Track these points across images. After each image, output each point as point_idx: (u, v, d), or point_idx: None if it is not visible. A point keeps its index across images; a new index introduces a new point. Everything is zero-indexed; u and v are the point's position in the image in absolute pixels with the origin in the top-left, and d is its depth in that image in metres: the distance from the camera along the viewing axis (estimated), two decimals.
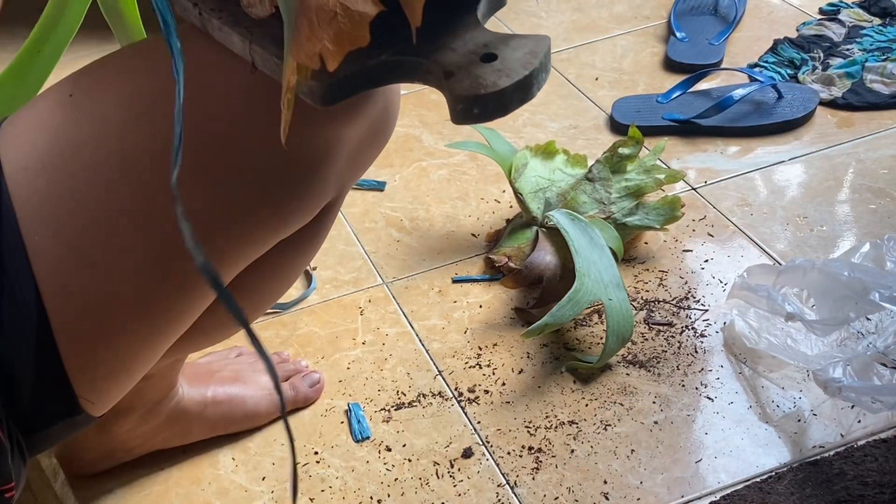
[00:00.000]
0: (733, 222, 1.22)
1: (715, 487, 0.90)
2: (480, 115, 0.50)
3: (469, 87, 0.50)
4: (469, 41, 0.53)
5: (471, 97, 0.49)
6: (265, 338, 1.11)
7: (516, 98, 0.50)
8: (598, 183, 1.18)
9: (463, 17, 0.54)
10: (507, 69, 0.50)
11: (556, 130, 1.43)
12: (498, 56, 0.51)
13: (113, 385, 0.68)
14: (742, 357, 1.03)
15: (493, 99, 0.50)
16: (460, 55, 0.52)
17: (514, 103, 0.51)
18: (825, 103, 1.42)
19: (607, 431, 0.96)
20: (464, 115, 0.50)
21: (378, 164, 1.39)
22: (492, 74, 0.50)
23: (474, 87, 0.50)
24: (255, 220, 0.65)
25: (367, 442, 0.98)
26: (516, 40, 0.52)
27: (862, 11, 1.63)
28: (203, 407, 0.95)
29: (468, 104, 0.50)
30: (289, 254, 0.74)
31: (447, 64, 0.51)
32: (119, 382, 0.68)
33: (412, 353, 1.08)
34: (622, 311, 1.00)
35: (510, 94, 0.50)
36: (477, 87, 0.50)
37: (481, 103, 0.50)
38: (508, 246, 1.17)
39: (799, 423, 0.95)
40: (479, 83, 0.50)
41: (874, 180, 1.27)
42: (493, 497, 0.91)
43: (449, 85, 0.50)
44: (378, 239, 1.26)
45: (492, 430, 0.98)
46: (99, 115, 0.62)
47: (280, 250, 0.71)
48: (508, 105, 0.50)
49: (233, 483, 0.95)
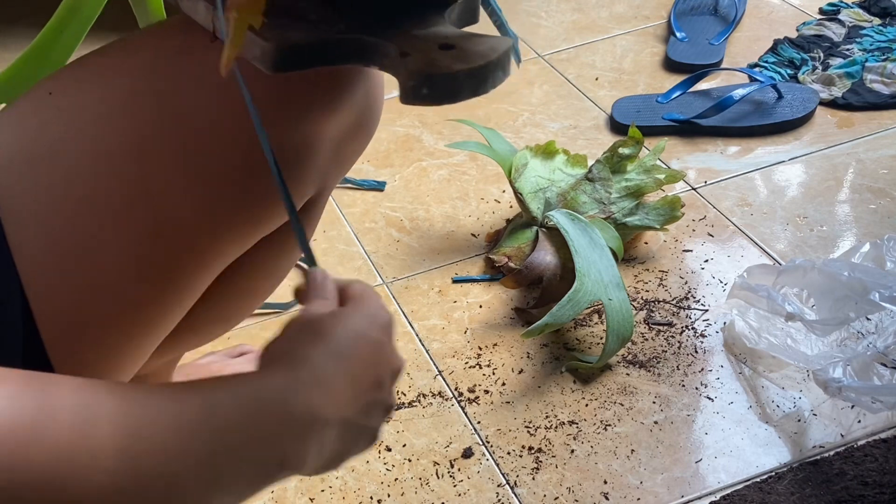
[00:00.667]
0: (733, 222, 1.22)
1: (715, 487, 0.90)
2: (429, 96, 0.50)
3: (422, 66, 0.49)
4: (432, 33, 0.53)
5: (422, 75, 0.49)
6: (265, 338, 1.11)
7: (468, 85, 0.50)
8: (598, 183, 1.18)
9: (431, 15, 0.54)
10: (464, 56, 0.50)
11: (556, 130, 1.43)
12: (456, 47, 0.51)
13: None
14: (742, 357, 1.03)
15: (443, 81, 0.49)
16: (420, 41, 0.52)
17: (465, 91, 0.50)
18: (825, 103, 1.42)
19: (607, 431, 0.96)
20: (413, 94, 0.50)
21: (378, 164, 1.39)
22: (447, 59, 0.50)
23: (427, 66, 0.49)
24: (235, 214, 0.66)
25: None
26: (478, 38, 0.52)
27: (862, 11, 1.63)
28: None
29: (418, 81, 0.49)
30: (274, 250, 0.74)
31: (404, 45, 0.51)
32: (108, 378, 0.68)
33: (412, 353, 1.08)
34: (622, 311, 1.00)
35: (462, 79, 0.49)
36: (430, 66, 0.49)
37: (431, 83, 0.49)
38: (508, 246, 1.17)
39: (799, 423, 0.95)
40: (433, 64, 0.49)
41: (874, 180, 1.27)
42: (493, 497, 0.91)
43: (403, 62, 0.50)
44: (378, 239, 1.26)
45: (492, 430, 0.98)
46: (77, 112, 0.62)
47: (265, 247, 0.71)
48: (459, 91, 0.50)
49: None
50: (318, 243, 1.26)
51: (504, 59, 0.51)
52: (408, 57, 0.50)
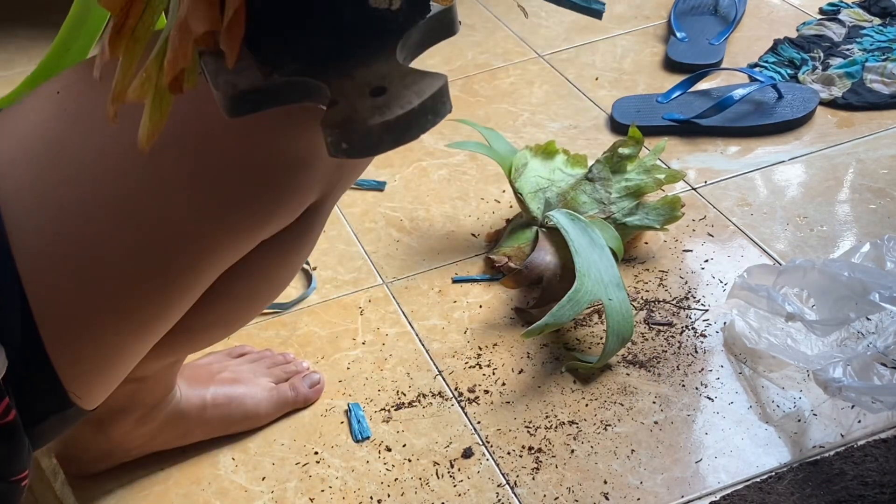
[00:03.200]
0: (733, 222, 1.22)
1: (715, 487, 0.90)
2: (349, 150, 0.47)
3: (341, 118, 0.47)
4: (372, 71, 0.50)
5: (338, 130, 0.47)
6: (265, 338, 1.11)
7: (386, 139, 0.47)
8: (598, 183, 1.18)
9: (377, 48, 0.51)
10: (384, 106, 0.47)
11: (556, 130, 1.43)
12: (387, 90, 0.48)
13: (101, 379, 0.68)
14: (742, 357, 1.03)
15: (359, 134, 0.47)
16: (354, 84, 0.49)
17: (385, 144, 0.47)
18: (825, 103, 1.42)
19: (607, 431, 0.96)
20: (333, 148, 0.47)
21: (378, 164, 1.39)
22: (368, 109, 0.47)
23: (345, 119, 0.47)
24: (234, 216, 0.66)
25: (367, 442, 0.98)
26: (413, 77, 0.49)
27: (862, 11, 1.63)
28: (203, 409, 0.95)
29: (336, 137, 0.47)
30: (276, 255, 0.74)
31: (336, 91, 0.49)
32: (107, 376, 0.69)
33: (412, 353, 1.08)
34: (622, 311, 1.00)
35: (378, 133, 0.47)
36: (347, 120, 0.47)
37: (348, 138, 0.47)
38: (508, 246, 1.17)
39: (799, 423, 0.95)
40: (351, 117, 0.47)
41: (874, 180, 1.27)
42: (493, 497, 0.91)
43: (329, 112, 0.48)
44: (378, 239, 1.26)
45: (492, 430, 0.98)
46: (84, 112, 0.62)
47: (267, 251, 0.71)
48: (377, 144, 0.47)
49: (233, 483, 0.95)
50: (319, 243, 1.25)
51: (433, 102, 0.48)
52: (335, 106, 0.48)
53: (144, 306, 0.67)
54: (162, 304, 0.67)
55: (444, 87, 0.48)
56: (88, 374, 0.67)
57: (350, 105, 0.48)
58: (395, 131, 0.47)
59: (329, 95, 0.49)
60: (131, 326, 0.67)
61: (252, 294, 0.78)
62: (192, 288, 0.68)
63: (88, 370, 0.67)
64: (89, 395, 0.68)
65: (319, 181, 0.68)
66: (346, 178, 0.73)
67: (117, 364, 0.69)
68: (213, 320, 0.77)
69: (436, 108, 0.48)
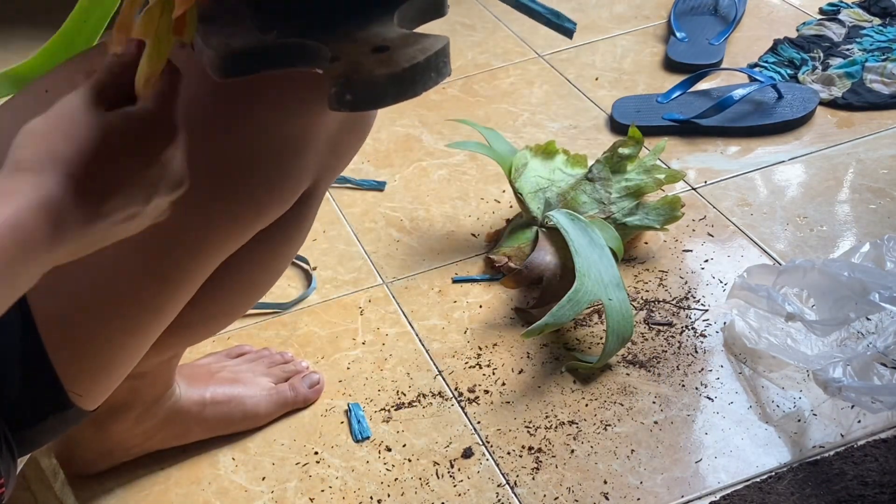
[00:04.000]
0: (733, 222, 1.22)
1: (715, 487, 0.90)
2: (353, 102, 0.48)
3: (345, 70, 0.48)
4: (372, 35, 0.51)
5: (343, 80, 0.48)
6: (265, 338, 1.11)
7: (391, 91, 0.49)
8: (598, 183, 1.18)
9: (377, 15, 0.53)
10: (390, 61, 0.49)
11: (556, 130, 1.43)
12: (390, 48, 0.50)
13: (100, 378, 0.68)
14: (742, 357, 1.03)
15: (364, 86, 0.48)
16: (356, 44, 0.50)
17: (389, 97, 0.49)
18: (825, 103, 1.42)
19: (607, 431, 0.96)
20: (336, 100, 0.49)
21: (378, 164, 1.39)
22: (373, 63, 0.49)
23: (350, 71, 0.48)
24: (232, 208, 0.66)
25: (367, 442, 0.98)
26: (415, 38, 0.51)
27: (862, 11, 1.63)
28: (202, 407, 0.95)
29: (340, 88, 0.48)
30: (271, 244, 0.74)
31: (337, 50, 0.50)
32: (106, 375, 0.69)
33: (412, 353, 1.08)
34: (622, 311, 1.00)
35: (384, 84, 0.48)
36: (352, 71, 0.48)
37: (353, 89, 0.48)
38: (508, 246, 1.17)
39: (799, 423, 0.95)
40: (356, 68, 0.48)
41: (874, 180, 1.27)
42: (493, 497, 0.91)
43: (331, 66, 0.49)
44: (378, 239, 1.26)
45: (492, 430, 0.98)
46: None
47: (261, 241, 0.71)
48: (382, 96, 0.49)
49: (233, 483, 0.95)
50: (318, 243, 1.26)
51: (437, 59, 0.50)
52: (336, 61, 0.49)
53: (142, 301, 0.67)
54: (160, 298, 0.68)
55: (446, 48, 0.50)
56: (88, 373, 0.67)
57: (352, 60, 0.49)
58: (401, 84, 0.48)
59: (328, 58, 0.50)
60: (130, 322, 0.67)
61: (249, 284, 0.78)
62: (190, 281, 0.68)
63: (88, 368, 0.67)
64: (89, 395, 0.68)
65: (311, 167, 0.68)
66: (337, 164, 0.73)
67: (117, 362, 0.69)
68: (212, 312, 0.78)
69: (439, 67, 0.50)
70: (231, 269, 0.72)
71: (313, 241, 1.26)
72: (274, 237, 0.73)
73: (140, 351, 0.70)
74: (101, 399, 0.70)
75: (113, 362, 0.69)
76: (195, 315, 0.74)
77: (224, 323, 0.83)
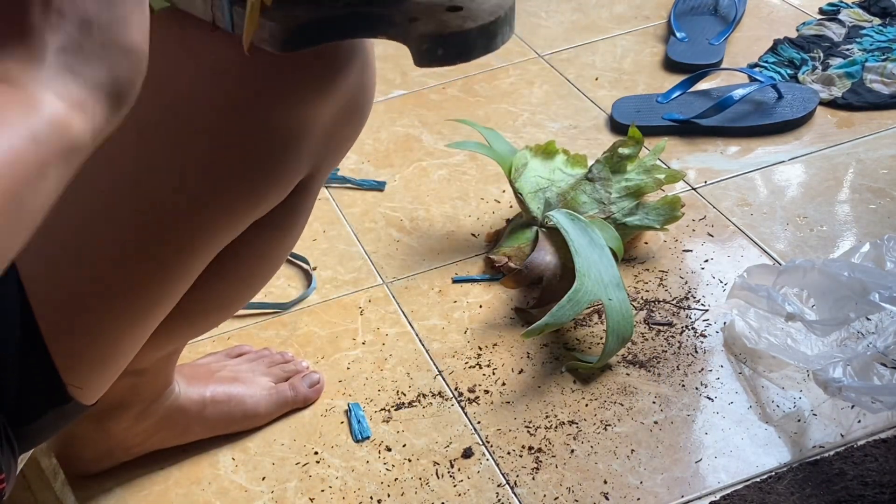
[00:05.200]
0: (733, 222, 1.22)
1: (715, 487, 0.90)
2: (444, 56, 0.51)
3: (434, 28, 0.51)
4: None
5: (435, 36, 0.51)
6: (265, 338, 1.11)
7: (480, 44, 0.52)
8: (598, 183, 1.18)
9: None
10: (473, 15, 0.52)
11: (556, 130, 1.43)
12: (463, 7, 0.53)
13: (99, 370, 0.68)
14: (742, 357, 1.03)
15: (456, 39, 0.51)
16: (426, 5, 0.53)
17: (478, 49, 0.52)
18: (825, 103, 1.42)
19: (607, 431, 0.96)
20: (428, 55, 0.51)
21: (378, 164, 1.39)
22: (456, 19, 0.52)
23: (439, 27, 0.51)
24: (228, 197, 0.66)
25: (367, 442, 0.98)
26: None
27: (862, 11, 1.63)
28: (202, 406, 0.95)
29: (432, 44, 0.51)
30: (266, 236, 0.74)
31: (412, 11, 0.53)
32: (105, 368, 0.69)
33: (412, 353, 1.08)
34: (622, 311, 1.00)
35: (474, 37, 0.51)
36: (442, 27, 0.51)
37: (445, 43, 0.51)
38: (508, 246, 1.17)
39: (799, 423, 0.95)
40: (444, 25, 0.51)
41: (874, 180, 1.27)
42: (493, 497, 0.91)
43: (413, 27, 0.52)
44: (378, 239, 1.26)
45: (492, 430, 0.98)
46: None
47: (259, 231, 0.71)
48: (472, 49, 0.52)
49: (233, 483, 0.95)
50: (318, 243, 1.26)
51: (511, 14, 0.53)
52: (417, 21, 0.52)
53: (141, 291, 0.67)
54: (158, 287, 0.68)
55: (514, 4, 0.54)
56: (87, 365, 0.67)
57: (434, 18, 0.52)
58: (487, 36, 0.52)
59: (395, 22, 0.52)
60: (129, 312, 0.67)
61: (247, 275, 0.78)
62: (187, 270, 0.69)
63: (87, 360, 0.67)
64: (90, 387, 0.68)
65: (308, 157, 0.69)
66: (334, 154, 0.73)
67: (116, 353, 0.69)
68: (210, 304, 0.78)
69: (511, 22, 0.54)
70: (229, 260, 0.72)
71: (313, 241, 1.26)
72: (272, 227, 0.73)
73: (139, 341, 0.71)
74: (100, 392, 0.70)
75: (112, 353, 0.69)
76: (194, 306, 0.74)
77: (223, 315, 0.83)
